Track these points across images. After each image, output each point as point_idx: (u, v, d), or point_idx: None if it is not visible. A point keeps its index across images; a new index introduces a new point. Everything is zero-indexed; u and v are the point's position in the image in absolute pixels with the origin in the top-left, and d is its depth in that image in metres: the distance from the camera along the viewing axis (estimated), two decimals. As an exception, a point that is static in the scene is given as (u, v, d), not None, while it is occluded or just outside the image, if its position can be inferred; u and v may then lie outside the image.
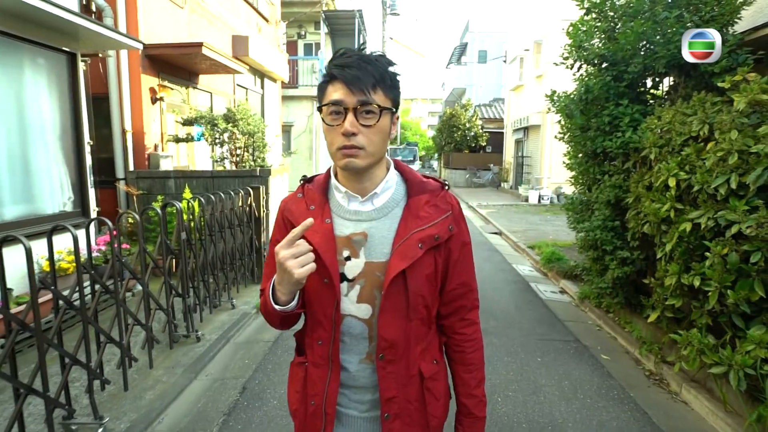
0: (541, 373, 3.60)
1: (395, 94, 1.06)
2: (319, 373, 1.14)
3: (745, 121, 2.64)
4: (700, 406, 3.15)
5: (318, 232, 1.08)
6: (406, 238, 1.06)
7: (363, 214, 1.10)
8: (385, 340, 1.09)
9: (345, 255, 1.09)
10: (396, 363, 1.11)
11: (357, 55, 1.03)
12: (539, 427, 2.88)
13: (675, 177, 3.02)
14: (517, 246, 8.57)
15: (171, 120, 7.29)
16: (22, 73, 3.78)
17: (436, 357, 1.19)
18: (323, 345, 1.12)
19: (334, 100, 1.00)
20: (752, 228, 2.48)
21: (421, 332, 1.13)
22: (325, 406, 1.12)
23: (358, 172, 1.07)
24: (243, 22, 10.26)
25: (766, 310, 2.68)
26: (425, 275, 1.08)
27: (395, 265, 1.04)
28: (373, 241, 1.08)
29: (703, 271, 2.90)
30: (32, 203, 3.91)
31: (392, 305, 1.07)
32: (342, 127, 1.00)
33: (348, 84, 0.99)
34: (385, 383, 1.11)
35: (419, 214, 1.09)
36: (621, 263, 3.99)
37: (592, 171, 4.34)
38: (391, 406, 1.12)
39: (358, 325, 1.10)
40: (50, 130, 4.13)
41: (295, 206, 1.16)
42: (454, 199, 1.16)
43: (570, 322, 4.73)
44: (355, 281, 1.09)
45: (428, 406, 1.16)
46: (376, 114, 1.01)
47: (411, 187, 1.14)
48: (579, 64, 4.27)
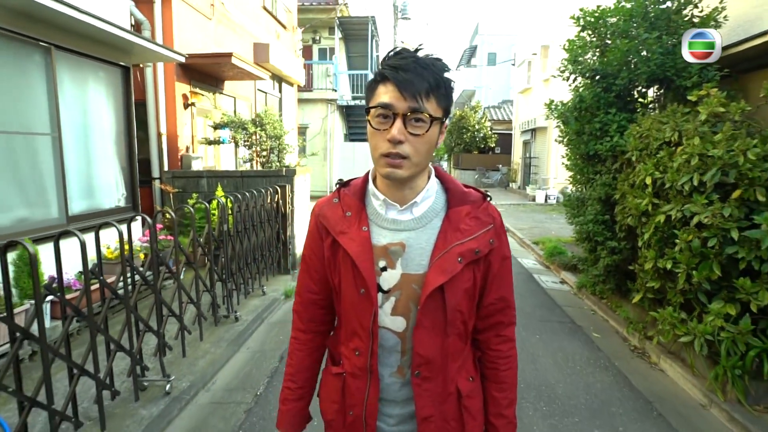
0: (539, 347, 4.11)
1: (448, 102, 1.01)
2: (357, 384, 1.11)
3: (705, 130, 3.15)
4: (674, 372, 3.65)
5: (355, 240, 1.05)
6: (445, 251, 1.02)
7: (401, 224, 1.06)
8: (420, 356, 1.05)
9: (381, 265, 1.05)
10: (432, 380, 1.07)
11: (413, 56, 0.97)
12: (534, 388, 3.40)
13: (651, 176, 3.53)
14: (522, 242, 9.06)
15: (200, 124, 7.90)
16: (87, 85, 4.39)
17: (471, 374, 1.15)
18: (361, 356, 1.09)
19: (384, 103, 0.96)
20: (709, 218, 2.99)
21: (458, 348, 1.10)
22: (366, 416, 1.10)
23: (402, 182, 1.03)
24: (263, 29, 10.86)
25: (724, 288, 3.18)
26: (464, 290, 1.05)
27: (433, 279, 1.01)
28: (411, 252, 1.05)
29: (674, 256, 3.40)
30: (94, 199, 4.51)
31: (429, 320, 1.04)
32: (389, 132, 0.96)
33: (400, 88, 0.94)
34: (422, 401, 1.08)
35: (459, 226, 1.05)
36: (610, 252, 4.50)
37: (586, 171, 4.85)
38: (429, 425, 1.08)
39: (391, 337, 1.07)
40: (108, 134, 4.74)
41: (330, 212, 1.11)
42: (496, 212, 1.12)
43: (567, 307, 5.23)
44: (390, 293, 1.06)
45: (467, 425, 1.12)
46: (426, 123, 0.96)
47: (452, 197, 1.09)
48: (574, 76, 4.78)
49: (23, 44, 3.58)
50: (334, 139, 15.57)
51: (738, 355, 3.07)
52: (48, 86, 3.80)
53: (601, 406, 3.18)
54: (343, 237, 1.06)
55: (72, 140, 4.09)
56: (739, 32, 4.17)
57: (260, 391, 3.33)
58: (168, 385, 3.24)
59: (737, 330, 3.05)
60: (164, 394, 3.16)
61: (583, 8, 4.80)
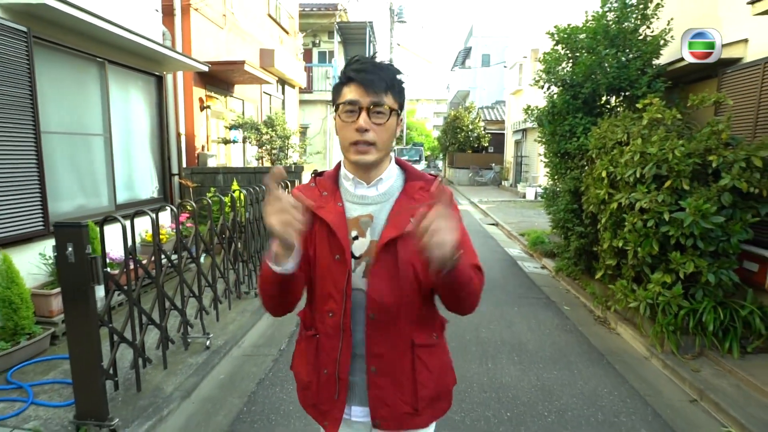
0: (516, 316, 4.85)
1: (401, 98, 1.20)
2: (332, 344, 1.21)
3: (646, 132, 3.89)
4: (627, 334, 4.39)
5: (332, 213, 1.20)
6: (399, 212, 1.18)
7: (369, 199, 1.23)
8: (374, 300, 1.17)
9: (353, 235, 1.20)
10: (387, 324, 1.19)
11: (371, 62, 1.17)
12: (509, 344, 4.13)
13: (606, 170, 4.26)
14: (510, 234, 9.81)
15: (213, 124, 8.60)
16: (130, 93, 5.08)
17: (436, 332, 1.29)
18: (335, 316, 1.20)
19: (350, 100, 1.13)
20: (647, 203, 3.73)
21: (415, 302, 1.20)
22: (339, 372, 1.21)
23: (371, 166, 1.20)
24: (268, 36, 11.55)
25: (663, 261, 3.92)
26: (417, 248, 1.11)
27: (386, 234, 1.16)
28: (378, 222, 1.20)
29: (624, 236, 4.13)
30: (134, 190, 5.21)
31: (383, 272, 1.17)
32: (356, 123, 1.13)
33: (363, 86, 1.12)
34: (373, 339, 1.19)
35: (414, 196, 1.21)
36: (579, 236, 5.25)
37: (559, 167, 5.59)
38: (379, 361, 1.20)
39: (363, 297, 1.19)
40: (145, 135, 5.43)
41: (308, 193, 1.26)
42: (447, 189, 1.18)
43: (545, 287, 5.97)
44: (361, 258, 1.19)
45: (419, 374, 1.22)
46: (386, 114, 1.14)
47: (408, 176, 1.27)
48: (548, 85, 5.51)
49: (85, 60, 4.28)
50: (333, 138, 16.27)
51: (672, 315, 3.81)
52: (102, 94, 4.50)
53: (562, 357, 3.91)
54: (322, 210, 1.20)
55: (118, 140, 4.78)
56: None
57: (283, 347, 4.04)
58: (208, 341, 3.94)
59: (671, 294, 3.78)
60: (205, 348, 3.86)
61: (557, 25, 5.54)
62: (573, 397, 3.24)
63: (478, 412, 3.02)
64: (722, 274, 3.68)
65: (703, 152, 3.65)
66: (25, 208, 3.54)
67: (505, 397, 3.22)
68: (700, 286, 3.79)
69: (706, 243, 3.62)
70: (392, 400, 1.20)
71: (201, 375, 3.44)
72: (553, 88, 5.50)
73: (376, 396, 1.20)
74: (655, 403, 3.22)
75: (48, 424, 2.68)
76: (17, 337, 3.24)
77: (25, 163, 3.53)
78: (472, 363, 3.73)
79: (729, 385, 3.35)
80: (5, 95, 3.35)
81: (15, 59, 3.39)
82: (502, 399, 3.20)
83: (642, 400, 3.24)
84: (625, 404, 3.18)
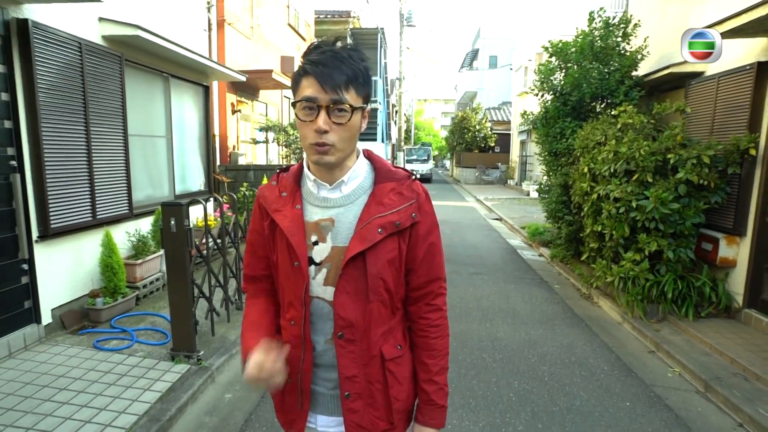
0: (512, 291, 5.66)
1: (367, 91, 1.09)
2: (294, 353, 1.16)
3: (619, 135, 4.69)
4: (606, 306, 5.19)
5: (287, 217, 1.14)
6: (367, 222, 1.09)
7: (331, 201, 1.14)
8: (342, 318, 1.12)
9: (313, 240, 1.12)
10: (356, 343, 1.14)
11: (331, 51, 1.04)
12: (504, 311, 4.95)
13: (588, 166, 5.07)
14: (512, 227, 10.61)
15: (242, 127, 9.49)
16: (184, 101, 5.97)
17: (400, 343, 1.21)
18: (296, 325, 1.16)
19: (307, 97, 1.02)
20: (619, 193, 4.53)
21: (383, 315, 1.16)
22: (301, 382, 1.17)
23: (332, 166, 1.11)
24: (287, 43, 12.44)
25: (634, 242, 4.71)
26: (387, 259, 1.11)
27: (353, 247, 1.08)
28: (340, 227, 1.12)
29: (603, 222, 4.94)
30: (187, 183, 6.10)
31: (351, 286, 1.10)
32: (315, 123, 1.02)
33: (321, 81, 1.00)
34: (344, 361, 1.14)
35: (383, 201, 1.12)
36: (568, 224, 6.06)
37: (552, 164, 6.40)
38: (352, 385, 1.15)
39: (324, 306, 1.13)
40: (195, 136, 6.33)
41: (269, 193, 1.20)
42: (420, 188, 1.18)
43: (539, 271, 6.78)
44: (322, 265, 1.12)
45: (391, 388, 1.18)
46: (348, 113, 1.03)
47: (378, 175, 1.17)
48: (542, 93, 6.33)
49: (154, 75, 5.18)
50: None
51: (640, 287, 4.60)
52: (165, 102, 5.39)
53: (547, 321, 4.73)
54: (278, 214, 1.15)
55: (176, 141, 5.67)
56: (662, 62, 5.71)
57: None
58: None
59: (640, 269, 4.57)
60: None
61: (551, 40, 6.35)
62: (553, 347, 4.06)
63: (477, 354, 3.86)
64: (681, 252, 4.47)
65: (664, 151, 4.44)
66: (118, 196, 4.43)
67: (498, 345, 4.05)
68: (663, 263, 4.58)
69: (666, 225, 4.41)
70: (368, 421, 1.17)
71: (255, 329, 4.30)
72: (546, 96, 6.31)
73: (352, 421, 1.17)
74: (620, 352, 4.03)
75: (150, 355, 3.55)
76: (116, 295, 4.13)
77: (119, 160, 4.42)
78: (473, 323, 4.56)
79: (681, 341, 4.15)
80: (107, 107, 4.24)
81: (113, 78, 4.28)
82: (496, 346, 4.03)
83: (609, 350, 4.05)
84: (595, 352, 3.99)
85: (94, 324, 3.99)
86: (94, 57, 4.03)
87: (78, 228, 3.94)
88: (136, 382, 3.14)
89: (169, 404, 2.92)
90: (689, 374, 3.62)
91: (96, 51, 4.06)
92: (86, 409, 2.81)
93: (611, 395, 3.27)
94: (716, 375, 3.49)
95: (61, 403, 2.86)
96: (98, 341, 3.67)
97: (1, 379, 3.10)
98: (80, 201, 3.96)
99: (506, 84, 30.04)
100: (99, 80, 4.10)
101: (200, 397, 3.18)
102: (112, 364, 3.37)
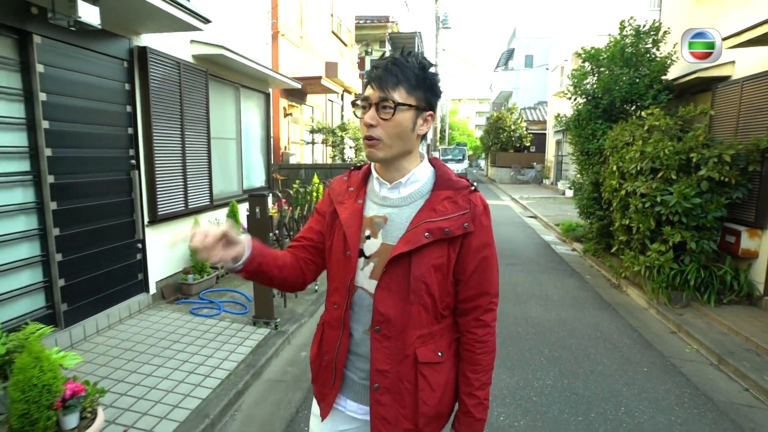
0: (546, 280, 6.15)
1: (421, 93, 1.15)
2: (332, 334, 1.26)
3: (646, 136, 5.12)
4: (633, 294, 5.61)
5: (348, 210, 1.24)
6: (416, 225, 1.15)
7: (389, 200, 1.22)
8: (380, 313, 1.17)
9: (366, 234, 1.21)
10: (391, 339, 1.18)
11: (390, 58, 1.16)
12: (537, 295, 5.45)
13: (616, 165, 5.51)
14: (546, 225, 10.98)
15: (292, 128, 10.29)
16: (250, 107, 6.76)
17: (442, 350, 1.23)
18: (338, 309, 1.24)
19: (362, 96, 1.17)
20: (645, 189, 4.96)
21: (423, 319, 1.19)
22: (336, 362, 1.25)
23: (383, 163, 1.20)
24: (331, 49, 13.19)
25: (659, 234, 5.12)
26: (432, 264, 1.15)
27: (399, 247, 1.14)
28: (392, 226, 1.19)
29: (630, 216, 5.36)
30: (252, 180, 6.90)
31: (392, 284, 1.16)
32: (365, 119, 1.15)
33: (373, 83, 1.14)
34: (378, 355, 1.19)
35: (436, 207, 1.17)
36: (599, 219, 6.47)
37: (584, 163, 6.83)
38: (383, 378, 1.19)
39: (366, 298, 1.20)
40: (258, 138, 7.13)
41: (338, 186, 1.32)
42: (479, 200, 1.22)
43: (572, 263, 7.21)
44: (371, 258, 1.20)
45: (421, 391, 1.19)
46: (392, 109, 1.11)
47: (438, 182, 1.22)
48: (575, 97, 6.76)
49: (228, 86, 5.98)
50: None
51: (665, 275, 5.01)
52: (236, 109, 6.18)
53: (577, 304, 5.20)
54: (341, 206, 1.25)
55: (244, 143, 6.47)
56: (692, 66, 6.04)
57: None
58: (316, 286, 5.49)
59: (665, 259, 4.99)
60: (314, 291, 5.41)
61: (584, 47, 6.78)
62: (581, 325, 4.55)
63: (512, 329, 4.40)
64: (704, 243, 4.86)
65: (687, 150, 4.84)
66: (203, 189, 5.23)
67: (532, 322, 4.58)
68: (687, 253, 4.98)
69: (689, 219, 4.81)
70: (394, 417, 1.20)
71: (317, 305, 4.98)
72: (579, 99, 6.74)
73: (378, 413, 1.20)
74: (643, 331, 4.48)
75: (236, 321, 4.28)
76: (203, 273, 4.91)
77: (204, 159, 5.22)
78: (508, 304, 5.09)
79: (702, 323, 4.55)
80: (196, 115, 5.05)
81: (200, 90, 5.08)
82: (529, 323, 4.56)
83: (632, 329, 4.51)
84: (619, 330, 4.46)
85: (186, 296, 4.78)
86: (187, 73, 4.82)
87: (175, 216, 4.74)
88: (230, 340, 3.87)
89: (259, 357, 3.63)
90: (705, 350, 4.05)
91: (189, 68, 4.85)
92: (197, 356, 3.55)
93: (631, 363, 3.75)
94: (730, 350, 3.91)
95: (178, 350, 3.61)
96: (193, 309, 4.43)
97: (128, 332, 3.91)
98: (177, 193, 4.76)
99: (542, 84, 29.93)
100: (190, 92, 4.89)
101: (281, 354, 3.87)
102: (208, 326, 4.12)
